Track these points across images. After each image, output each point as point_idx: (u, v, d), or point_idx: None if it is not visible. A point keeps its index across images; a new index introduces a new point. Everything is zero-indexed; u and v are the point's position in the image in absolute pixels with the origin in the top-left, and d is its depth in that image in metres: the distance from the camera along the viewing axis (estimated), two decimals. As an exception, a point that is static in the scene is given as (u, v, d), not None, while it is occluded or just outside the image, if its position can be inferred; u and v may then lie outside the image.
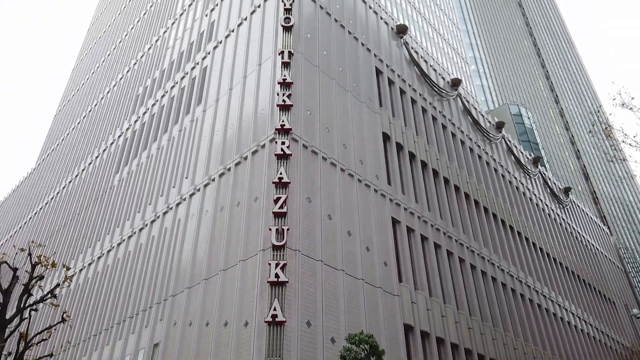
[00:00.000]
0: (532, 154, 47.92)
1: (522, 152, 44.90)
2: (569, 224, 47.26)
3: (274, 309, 15.86)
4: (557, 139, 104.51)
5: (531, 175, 43.65)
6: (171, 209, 24.63)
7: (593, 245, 51.23)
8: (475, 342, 24.49)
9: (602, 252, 52.83)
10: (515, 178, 40.45)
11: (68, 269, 11.78)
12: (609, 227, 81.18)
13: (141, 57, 40.78)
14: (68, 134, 49.15)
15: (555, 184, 49.24)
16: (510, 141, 43.03)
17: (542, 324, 32.48)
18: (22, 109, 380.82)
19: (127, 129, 35.17)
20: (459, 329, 23.81)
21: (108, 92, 43.83)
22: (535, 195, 42.67)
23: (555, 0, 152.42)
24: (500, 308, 28.46)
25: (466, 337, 23.97)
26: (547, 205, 44.20)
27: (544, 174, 47.31)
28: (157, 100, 33.03)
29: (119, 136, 35.88)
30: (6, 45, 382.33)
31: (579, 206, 53.36)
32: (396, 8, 54.19)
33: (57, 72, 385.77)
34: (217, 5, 32.62)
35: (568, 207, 49.46)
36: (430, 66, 36.10)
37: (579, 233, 48.68)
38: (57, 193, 42.68)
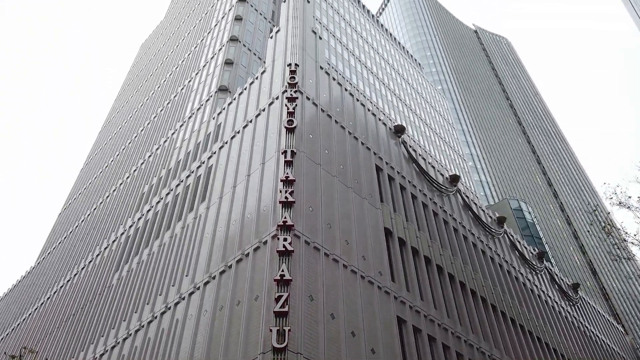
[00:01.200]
0: (536, 249, 47.48)
1: (525, 247, 44.53)
2: (581, 322, 45.43)
3: (274, 419, 14.79)
4: (560, 233, 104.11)
5: (537, 271, 42.87)
6: (169, 308, 23.93)
7: (608, 345, 48.79)
8: None
9: (618, 353, 50.14)
10: (522, 274, 39.69)
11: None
12: (623, 326, 77.81)
13: (149, 157, 42.21)
14: (71, 232, 49.27)
15: (562, 280, 48.18)
16: (513, 236, 42.89)
17: None
18: (29, 208, 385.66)
19: (131, 226, 35.35)
20: None
21: (114, 191, 44.72)
22: (543, 292, 41.56)
23: (544, 101, 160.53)
24: (517, 416, 26.42)
25: None
26: (556, 302, 42.86)
27: (551, 269, 46.49)
28: (162, 198, 33.59)
29: (122, 234, 35.95)
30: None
31: (589, 303, 51.69)
32: (393, 110, 57.08)
33: (65, 169, 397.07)
34: (224, 109, 34.49)
35: (578, 304, 47.91)
36: (429, 163, 37.16)
37: (592, 332, 46.59)
38: (55, 293, 41.74)
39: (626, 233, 15.06)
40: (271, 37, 36.53)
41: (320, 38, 37.13)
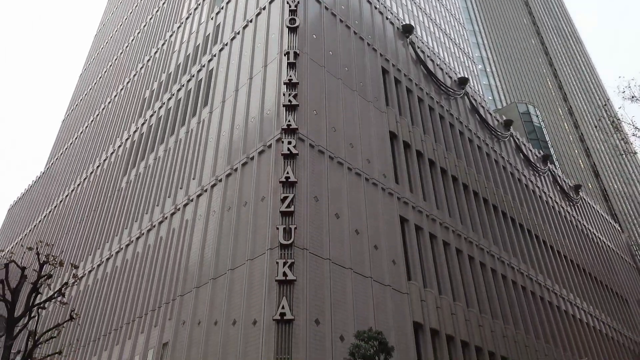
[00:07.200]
0: (541, 152, 47.59)
1: (531, 150, 44.60)
2: (579, 222, 46.84)
3: (282, 307, 15.85)
4: (567, 137, 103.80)
5: (541, 173, 43.33)
6: (179, 210, 24.74)
7: (604, 242, 50.71)
8: (486, 339, 24.30)
9: (613, 250, 52.27)
10: (525, 176, 40.17)
11: (76, 267, 11.80)
12: (620, 225, 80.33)
13: (148, 60, 41.08)
14: (76, 138, 49.61)
15: (565, 181, 48.84)
16: (519, 139, 42.77)
17: (554, 322, 32.17)
18: (31, 114, 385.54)
19: (135, 131, 35.42)
20: (469, 326, 23.64)
21: (115, 96, 44.19)
22: (545, 193, 42.34)
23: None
24: (510, 305, 28.23)
25: (476, 335, 23.80)
26: (557, 202, 43.84)
27: (554, 171, 46.94)
28: (164, 103, 33.24)
29: (127, 139, 36.13)
30: (11, 50, 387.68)
31: (589, 203, 52.88)
32: (401, 9, 54.10)
33: (65, 74, 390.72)
34: (222, 8, 32.77)
35: (578, 204, 49.04)
36: (437, 65, 36.00)
37: (590, 230, 48.20)
38: (66, 196, 43.06)
39: (636, 128, 14.69)
40: None
41: None
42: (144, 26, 47.93)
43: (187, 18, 38.38)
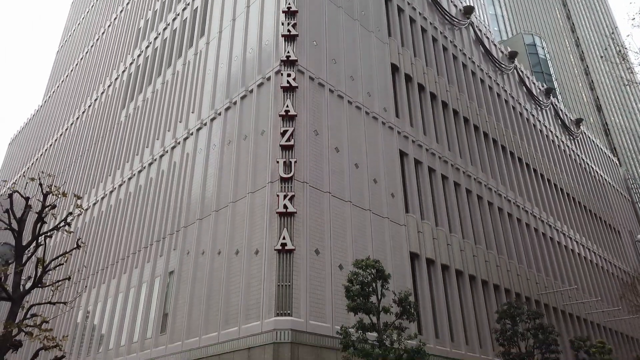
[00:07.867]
0: (544, 85, 46.80)
1: (534, 83, 43.84)
2: (578, 156, 47.03)
3: (283, 238, 16.29)
4: (572, 69, 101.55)
5: (542, 107, 42.89)
6: (179, 143, 24.74)
7: (602, 176, 51.20)
8: (479, 268, 25.23)
9: (610, 183, 52.89)
10: (526, 110, 39.79)
11: (79, 198, 11.94)
12: (618, 159, 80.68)
13: (141, -13, 39.32)
14: (72, 70, 48.58)
15: (566, 115, 48.46)
16: (522, 72, 41.91)
17: (547, 252, 33.23)
18: (26, 45, 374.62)
19: (131, 63, 34.62)
20: (464, 256, 24.45)
21: (109, 26, 42.76)
22: (545, 127, 42.15)
23: None
24: (505, 237, 29.03)
25: (470, 264, 24.67)
26: (557, 137, 43.77)
27: (556, 105, 46.43)
28: (159, 34, 32.23)
29: (123, 71, 35.40)
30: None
31: (589, 137, 52.81)
32: None
33: (60, 5, 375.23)
34: None
35: (579, 138, 48.97)
36: (442, -8, 34.49)
37: (588, 164, 48.50)
38: (66, 129, 42.90)
39: (643, 57, 14.24)
40: None
41: None
42: (135, -51, 45.37)
43: (179, -60, 36.26)
